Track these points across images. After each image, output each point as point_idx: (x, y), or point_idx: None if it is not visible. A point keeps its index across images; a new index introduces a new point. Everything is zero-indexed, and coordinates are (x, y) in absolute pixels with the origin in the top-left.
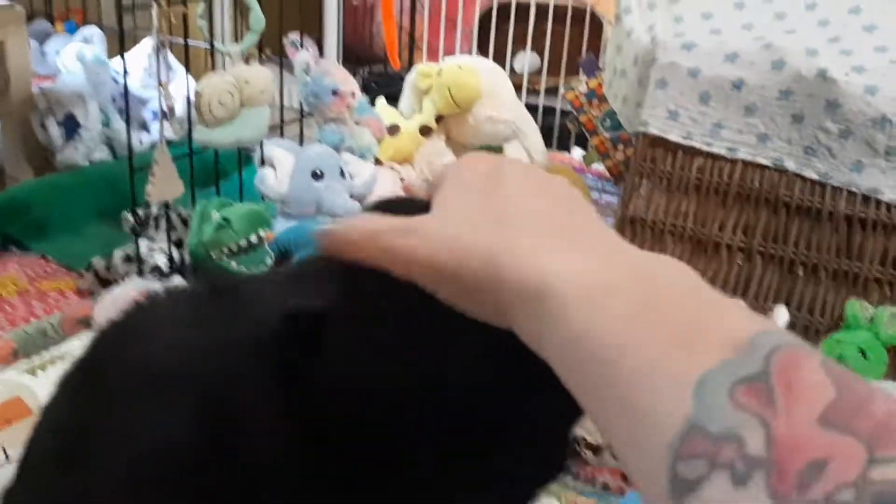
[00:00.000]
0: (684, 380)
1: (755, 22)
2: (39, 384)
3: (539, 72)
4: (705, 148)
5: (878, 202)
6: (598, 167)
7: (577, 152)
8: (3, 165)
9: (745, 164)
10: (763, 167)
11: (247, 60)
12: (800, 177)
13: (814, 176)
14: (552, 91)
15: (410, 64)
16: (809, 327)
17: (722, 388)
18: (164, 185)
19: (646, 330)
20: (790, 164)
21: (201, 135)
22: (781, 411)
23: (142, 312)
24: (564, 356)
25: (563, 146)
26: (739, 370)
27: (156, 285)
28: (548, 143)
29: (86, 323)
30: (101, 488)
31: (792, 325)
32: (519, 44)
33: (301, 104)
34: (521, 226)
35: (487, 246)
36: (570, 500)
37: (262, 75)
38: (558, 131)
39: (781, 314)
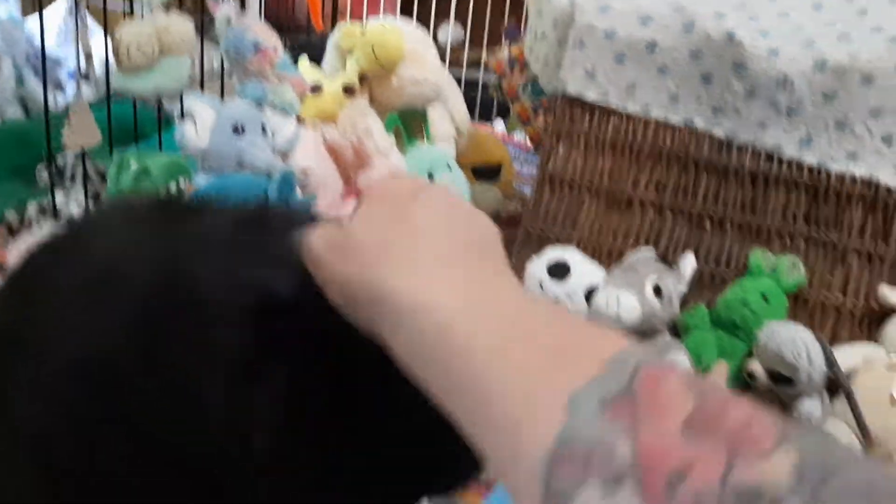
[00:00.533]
0: (556, 396)
1: None
2: None
3: (462, 44)
4: (620, 108)
5: (780, 159)
6: (519, 137)
7: (499, 124)
8: None
9: (658, 123)
10: (675, 126)
11: (166, 11)
12: (708, 135)
13: (721, 134)
14: (475, 64)
15: (333, 28)
16: (716, 276)
17: (591, 404)
18: (81, 132)
19: (519, 351)
20: (699, 123)
21: (120, 82)
22: (646, 423)
23: (78, 226)
24: (432, 371)
25: (486, 118)
26: (607, 386)
27: None
28: (471, 115)
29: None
30: (31, 393)
31: (700, 275)
32: (442, 16)
33: (221, 60)
34: (410, 254)
35: (376, 262)
36: None
37: (182, 24)
38: (481, 103)
39: (689, 262)
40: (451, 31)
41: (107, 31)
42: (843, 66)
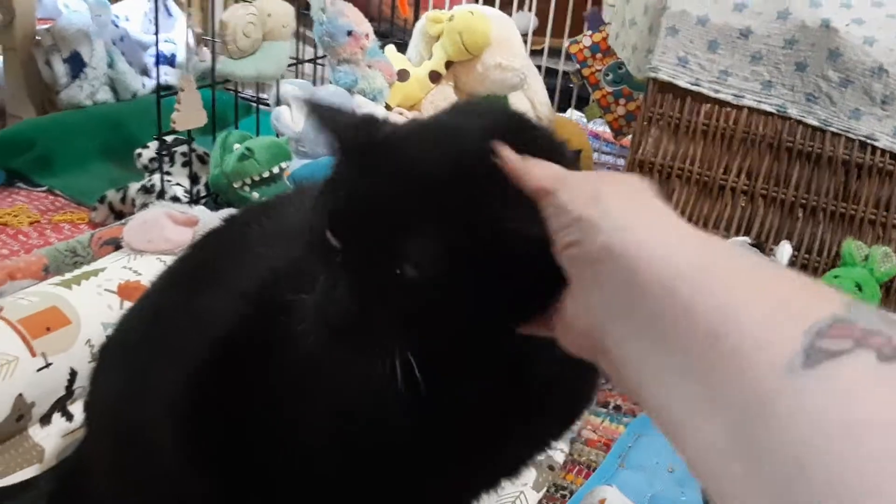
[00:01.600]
0: (798, 323)
1: None
2: (75, 296)
3: (541, 32)
4: (712, 94)
5: (874, 148)
6: (596, 127)
7: (575, 115)
8: (5, 103)
9: (751, 110)
10: (767, 113)
11: None
12: (801, 123)
13: (814, 122)
14: (555, 53)
15: (416, 18)
16: (808, 265)
17: (866, 308)
18: (189, 113)
19: (753, 292)
20: (793, 111)
21: (224, 66)
22: None
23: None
24: (647, 309)
25: (563, 108)
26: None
27: (183, 208)
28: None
29: (114, 244)
30: None
31: (792, 263)
32: (521, 4)
33: (315, 45)
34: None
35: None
36: (585, 420)
37: (284, 9)
38: (560, 93)
39: (785, 250)
40: (530, 20)
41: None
42: None
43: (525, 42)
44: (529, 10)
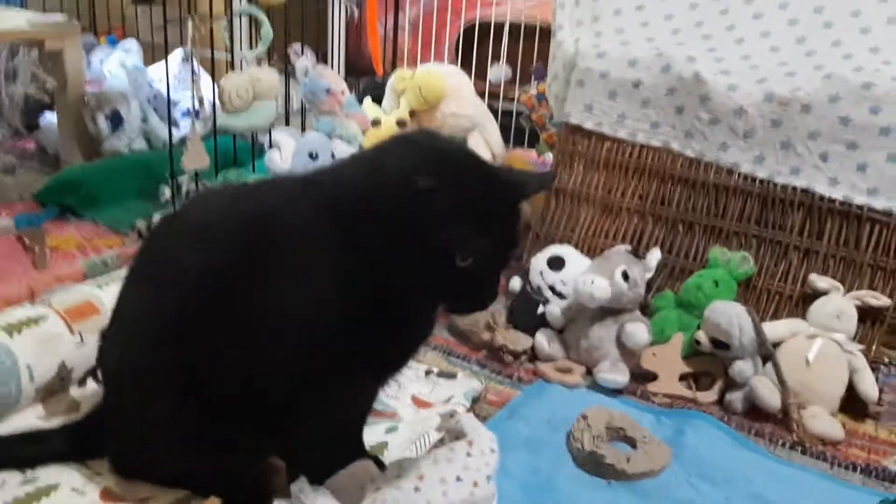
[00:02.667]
0: None
1: (655, 35)
2: (104, 294)
3: (509, 82)
4: (612, 134)
5: (738, 174)
6: (547, 157)
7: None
8: (60, 151)
9: (642, 146)
10: (655, 148)
11: (259, 64)
12: (682, 155)
13: (692, 154)
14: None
15: (394, 69)
16: (685, 269)
17: None
18: (195, 157)
19: None
20: (675, 146)
21: (223, 121)
22: None
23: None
24: None
25: (521, 144)
26: None
27: None
28: (518, 142)
29: None
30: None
31: (672, 268)
32: (494, 58)
33: (301, 100)
34: None
35: None
36: (493, 388)
37: (271, 76)
38: (517, 131)
39: (654, 255)
40: (501, 72)
41: (214, 77)
42: (787, 98)
43: (494, 89)
44: (505, 63)
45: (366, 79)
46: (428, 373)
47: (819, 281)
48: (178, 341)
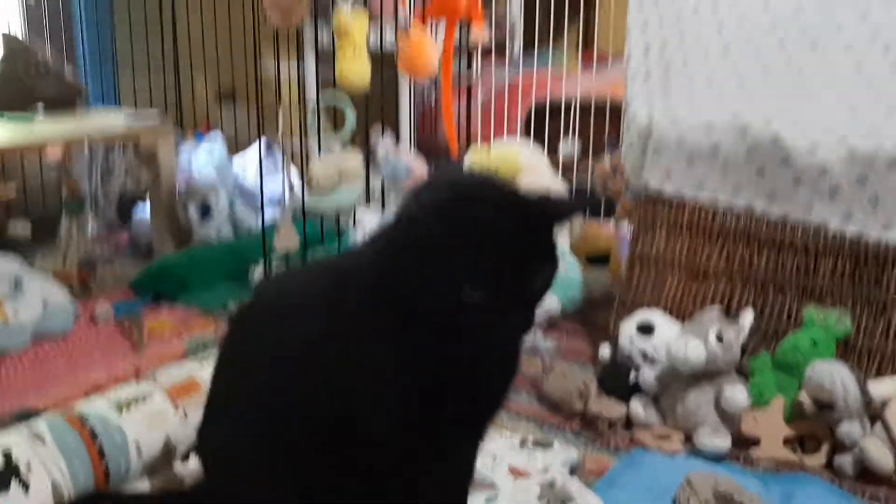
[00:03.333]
0: None
1: (730, 101)
2: (204, 370)
3: (584, 156)
4: (693, 199)
5: (826, 233)
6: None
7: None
8: (153, 242)
9: (724, 209)
10: (738, 211)
11: (343, 147)
12: (766, 217)
13: (776, 215)
14: (589, 171)
15: (468, 150)
16: (779, 331)
17: None
18: (287, 239)
19: None
20: (758, 207)
21: (312, 202)
22: None
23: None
24: None
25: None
26: None
27: None
28: (594, 215)
29: None
30: None
31: (766, 331)
32: (565, 133)
33: (382, 181)
34: None
35: None
36: (590, 457)
37: (354, 159)
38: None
39: (747, 316)
40: (566, 146)
41: (301, 162)
42: (871, 155)
43: (566, 163)
44: (575, 137)
45: (437, 159)
46: (523, 443)
47: None
48: (273, 421)
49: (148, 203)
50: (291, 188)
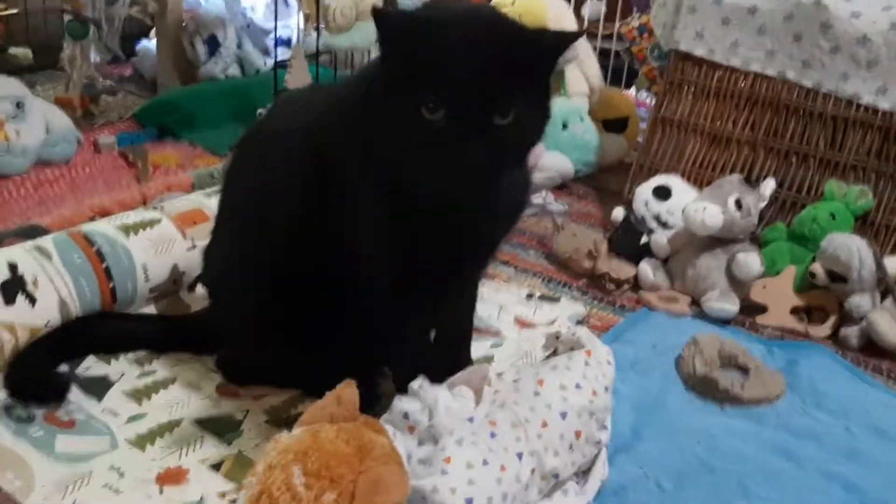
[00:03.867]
0: None
1: None
2: (212, 203)
3: (607, 18)
4: (724, 62)
5: (859, 105)
6: (644, 98)
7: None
8: (157, 76)
9: (756, 75)
10: (769, 77)
11: None
12: (798, 85)
13: (809, 84)
14: (610, 36)
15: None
16: (797, 203)
17: None
18: (298, 76)
19: None
20: (791, 75)
21: (325, 39)
22: None
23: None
24: None
25: (617, 82)
26: None
27: None
28: (615, 82)
29: None
30: None
31: (784, 201)
32: None
33: None
34: None
35: None
36: (596, 314)
37: None
38: (613, 70)
39: (769, 184)
40: (591, 6)
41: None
42: None
43: (590, 26)
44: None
45: None
46: (530, 296)
47: None
48: (265, 241)
49: (154, 36)
50: (307, 21)
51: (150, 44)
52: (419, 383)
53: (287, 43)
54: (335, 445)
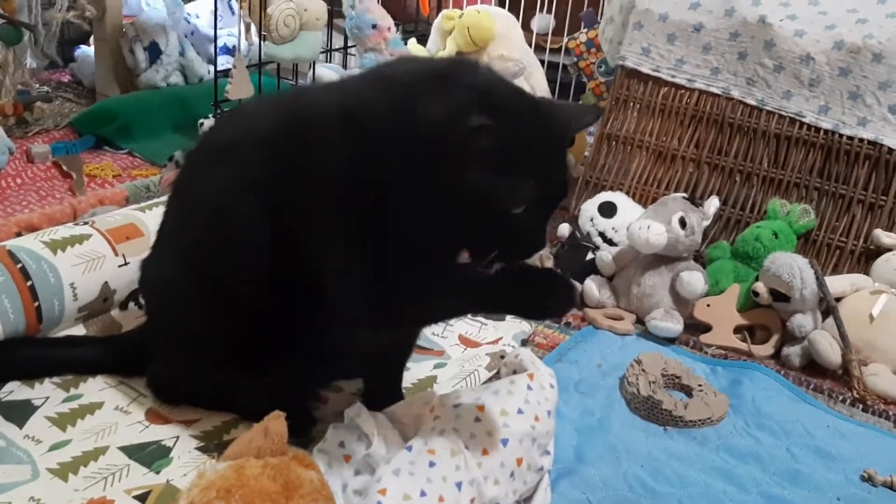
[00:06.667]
0: None
1: None
2: (147, 218)
3: (555, 32)
4: (670, 79)
5: (801, 123)
6: None
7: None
8: (96, 83)
9: (701, 92)
10: (714, 95)
11: None
12: (742, 102)
13: (753, 102)
14: (558, 49)
15: (438, 12)
16: (741, 220)
17: None
18: (240, 86)
19: None
20: (735, 93)
21: (268, 49)
22: None
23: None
24: None
25: (565, 96)
26: None
27: None
28: (563, 95)
29: None
30: None
31: (728, 219)
32: (534, 6)
33: (345, 35)
34: None
35: None
36: (541, 332)
37: (318, 5)
38: (560, 83)
39: (712, 203)
40: (546, 21)
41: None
42: (857, 46)
43: (537, 40)
44: (549, 12)
45: (400, 26)
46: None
47: (884, 237)
48: (206, 255)
49: (92, 42)
50: (248, 31)
51: (88, 50)
52: (356, 411)
53: (232, 51)
54: (260, 483)
